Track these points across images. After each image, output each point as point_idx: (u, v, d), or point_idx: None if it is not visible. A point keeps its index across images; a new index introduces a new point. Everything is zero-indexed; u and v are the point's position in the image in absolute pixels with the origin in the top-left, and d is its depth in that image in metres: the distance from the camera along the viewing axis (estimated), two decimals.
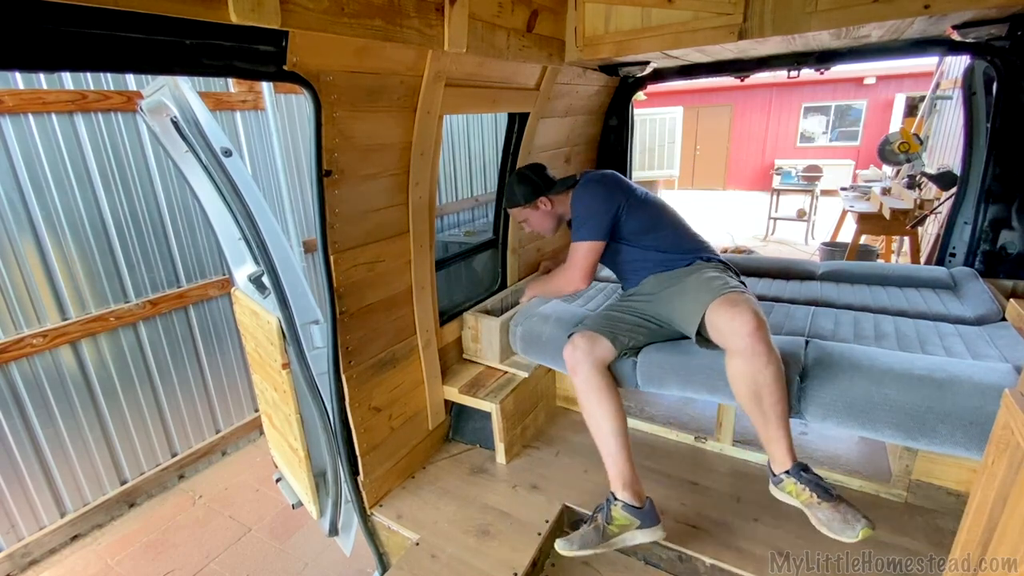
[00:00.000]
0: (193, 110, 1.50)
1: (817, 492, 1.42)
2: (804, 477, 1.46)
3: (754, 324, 1.45)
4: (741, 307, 1.49)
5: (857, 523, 1.35)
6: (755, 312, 1.49)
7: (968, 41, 1.90)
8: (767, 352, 1.45)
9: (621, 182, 1.91)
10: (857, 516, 1.37)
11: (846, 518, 1.37)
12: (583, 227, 1.84)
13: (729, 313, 1.50)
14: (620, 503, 1.58)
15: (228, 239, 1.95)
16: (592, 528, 1.59)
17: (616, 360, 1.81)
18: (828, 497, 1.41)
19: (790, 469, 1.48)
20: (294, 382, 1.73)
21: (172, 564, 2.40)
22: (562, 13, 1.96)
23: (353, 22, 1.22)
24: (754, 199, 11.79)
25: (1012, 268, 2.36)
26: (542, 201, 1.98)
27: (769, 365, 1.45)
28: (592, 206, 1.84)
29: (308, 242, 3.30)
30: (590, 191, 1.88)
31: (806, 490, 1.44)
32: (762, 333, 1.45)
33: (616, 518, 1.57)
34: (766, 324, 1.49)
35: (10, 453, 2.30)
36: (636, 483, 1.61)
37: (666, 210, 1.97)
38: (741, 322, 1.46)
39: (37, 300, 2.31)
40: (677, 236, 1.90)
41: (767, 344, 1.45)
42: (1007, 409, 0.85)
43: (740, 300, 1.52)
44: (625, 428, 1.67)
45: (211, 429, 3.12)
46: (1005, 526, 0.80)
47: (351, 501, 1.86)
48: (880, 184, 5.61)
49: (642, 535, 1.57)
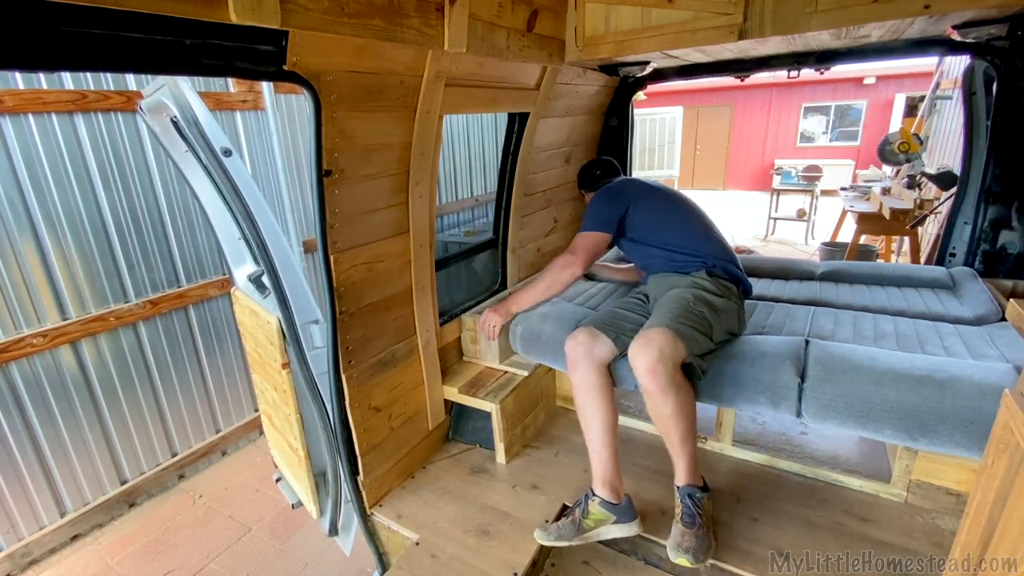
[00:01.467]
0: (193, 110, 1.50)
1: (684, 514, 1.57)
2: (687, 499, 1.59)
3: (648, 365, 1.50)
4: (649, 346, 1.52)
5: (684, 553, 1.49)
6: (658, 352, 1.50)
7: (968, 41, 1.90)
8: (661, 391, 1.51)
9: (635, 183, 2.12)
10: (690, 550, 1.49)
11: (680, 543, 1.51)
12: (586, 219, 2.03)
13: (637, 347, 1.55)
14: (598, 499, 1.64)
15: (228, 239, 1.95)
16: (569, 521, 1.65)
17: (617, 359, 1.81)
18: (687, 522, 1.55)
19: (681, 487, 1.61)
20: (294, 382, 1.73)
21: (172, 564, 2.41)
22: (562, 13, 1.96)
23: (353, 22, 1.22)
24: (754, 199, 11.80)
25: (1012, 268, 2.36)
26: (582, 193, 2.43)
27: (666, 405, 1.53)
28: (596, 204, 2.07)
29: (308, 242, 3.30)
30: (601, 192, 2.10)
31: (680, 507, 1.59)
32: (655, 375, 1.50)
33: (592, 513, 1.63)
34: (668, 361, 1.51)
35: (10, 453, 2.30)
36: (616, 480, 1.66)
37: (681, 209, 2.07)
38: (641, 361, 1.52)
39: (37, 300, 2.31)
40: (686, 235, 1.97)
41: (662, 384, 1.50)
42: (1007, 409, 0.85)
43: (655, 337, 1.54)
44: (614, 428, 1.70)
45: (211, 429, 3.12)
46: (1005, 526, 0.80)
47: (351, 501, 1.86)
48: (880, 184, 5.61)
49: (617, 530, 1.64)
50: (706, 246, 1.95)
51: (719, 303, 1.77)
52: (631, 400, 2.39)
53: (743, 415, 2.20)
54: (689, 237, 1.97)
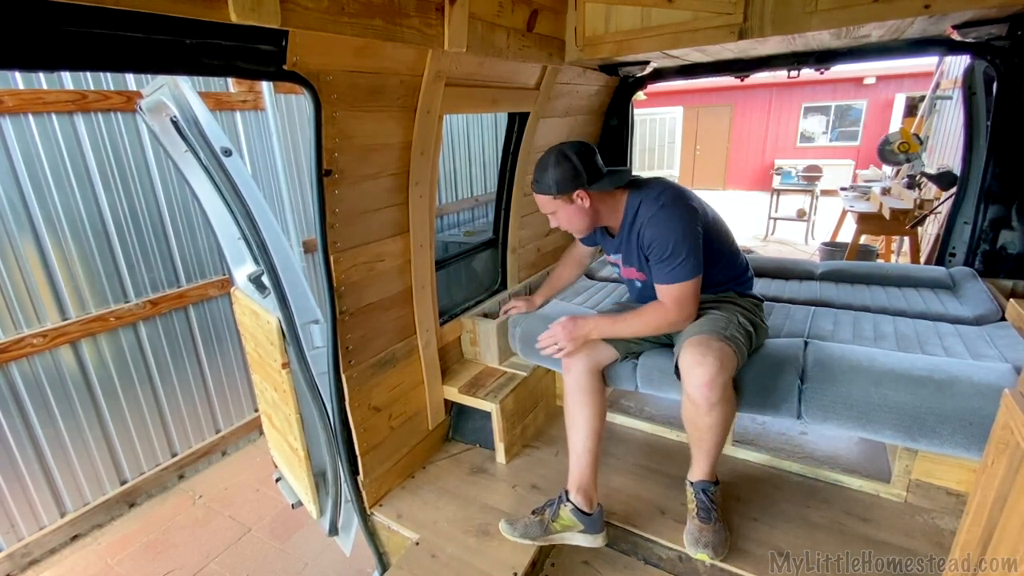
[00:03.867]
0: (193, 110, 1.50)
1: (699, 509, 1.57)
2: (701, 493, 1.58)
3: (707, 378, 1.42)
4: (708, 356, 1.44)
5: (704, 548, 1.51)
6: (718, 364, 1.42)
7: (968, 41, 1.90)
8: (710, 405, 1.45)
9: (698, 204, 1.63)
10: (709, 544, 1.51)
11: (699, 538, 1.53)
12: (688, 261, 1.51)
13: (694, 355, 1.46)
14: (571, 505, 1.61)
15: (228, 239, 1.95)
16: (537, 520, 1.64)
17: (617, 362, 1.81)
18: (703, 517, 1.56)
19: (695, 483, 1.60)
20: (294, 382, 1.73)
21: (172, 564, 2.40)
22: (562, 13, 1.96)
23: (353, 21, 1.22)
24: (754, 199, 11.79)
25: (1012, 268, 2.36)
26: (580, 195, 1.58)
27: (709, 416, 1.48)
28: (689, 233, 1.52)
29: (308, 242, 3.30)
30: (680, 213, 1.54)
31: (694, 503, 1.59)
32: (711, 388, 1.43)
33: (562, 517, 1.61)
34: (726, 375, 1.45)
35: (10, 453, 2.30)
36: (591, 489, 1.64)
37: (725, 232, 1.76)
38: (698, 372, 1.43)
39: (37, 300, 2.31)
40: (729, 263, 1.76)
41: (714, 399, 1.44)
42: (1007, 409, 0.85)
43: (713, 345, 1.46)
44: (599, 435, 1.67)
45: (211, 429, 3.12)
46: (1005, 526, 0.80)
47: (351, 501, 1.86)
48: (880, 184, 5.61)
49: (582, 539, 1.62)
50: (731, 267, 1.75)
51: (757, 323, 1.71)
52: (631, 400, 2.39)
53: (743, 416, 2.20)
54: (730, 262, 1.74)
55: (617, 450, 2.11)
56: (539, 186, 1.62)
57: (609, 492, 1.86)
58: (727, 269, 1.76)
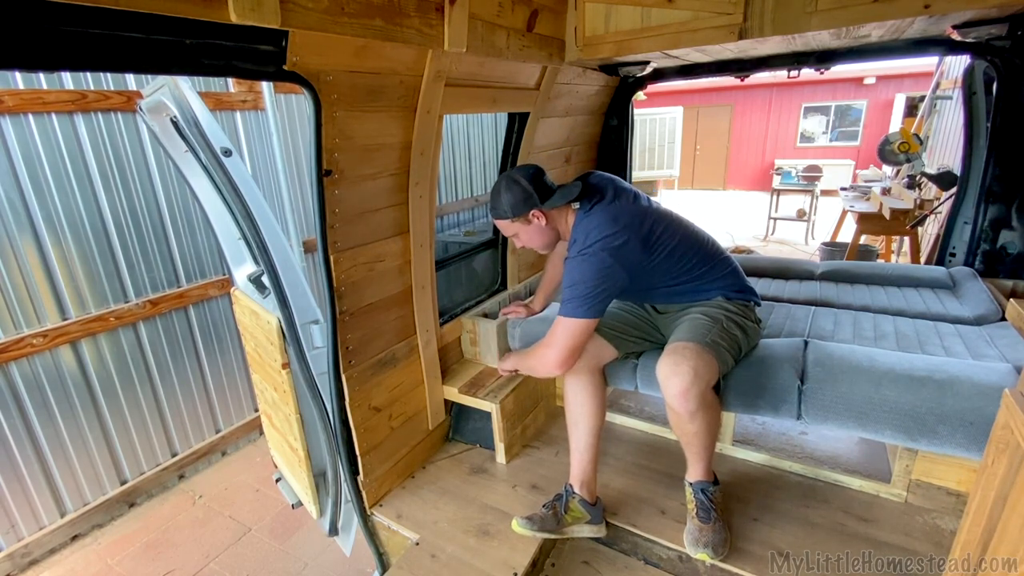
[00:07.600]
0: (193, 110, 1.50)
1: (699, 509, 1.59)
2: (700, 493, 1.60)
3: (680, 389, 1.44)
4: (682, 365, 1.46)
5: (704, 548, 1.52)
6: (692, 374, 1.43)
7: (968, 41, 1.90)
8: (689, 414, 1.48)
9: (633, 222, 1.55)
10: (709, 544, 1.52)
11: (699, 538, 1.54)
12: (580, 302, 1.48)
13: (668, 366, 1.48)
14: (578, 496, 1.69)
15: (228, 239, 1.95)
16: (552, 514, 1.68)
17: (617, 361, 1.81)
18: (703, 517, 1.58)
19: (693, 483, 1.62)
20: (294, 382, 1.73)
21: (172, 564, 2.40)
22: (562, 13, 1.96)
23: (353, 22, 1.22)
24: (754, 199, 11.79)
25: (1012, 268, 2.36)
26: (535, 214, 1.62)
27: (692, 424, 1.50)
28: (596, 281, 1.48)
29: (308, 242, 3.30)
30: (598, 265, 1.49)
31: (694, 503, 1.61)
32: (685, 399, 1.45)
33: (573, 509, 1.68)
34: (701, 384, 1.46)
35: (10, 453, 2.30)
36: (592, 482, 1.72)
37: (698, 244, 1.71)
38: (673, 383, 1.46)
39: (37, 300, 2.31)
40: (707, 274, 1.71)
41: (692, 408, 1.46)
42: (1007, 409, 0.85)
43: (689, 356, 1.47)
44: (599, 431, 1.72)
45: (211, 429, 3.12)
46: (1005, 526, 0.80)
47: (351, 501, 1.86)
48: (880, 184, 5.61)
49: (589, 529, 1.70)
50: (713, 273, 1.72)
51: (747, 326, 1.71)
52: (631, 400, 2.39)
53: (743, 416, 2.20)
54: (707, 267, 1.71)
55: (617, 450, 2.11)
56: (496, 212, 1.67)
57: (609, 492, 1.86)
58: (709, 279, 1.71)
